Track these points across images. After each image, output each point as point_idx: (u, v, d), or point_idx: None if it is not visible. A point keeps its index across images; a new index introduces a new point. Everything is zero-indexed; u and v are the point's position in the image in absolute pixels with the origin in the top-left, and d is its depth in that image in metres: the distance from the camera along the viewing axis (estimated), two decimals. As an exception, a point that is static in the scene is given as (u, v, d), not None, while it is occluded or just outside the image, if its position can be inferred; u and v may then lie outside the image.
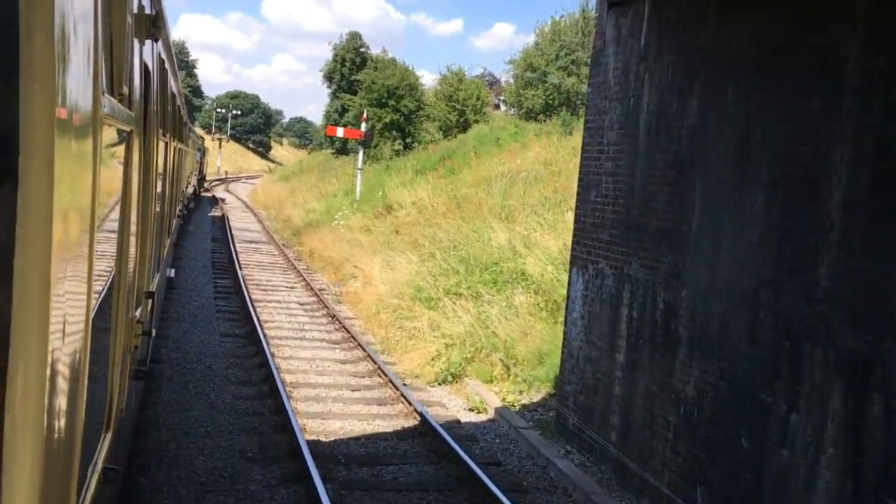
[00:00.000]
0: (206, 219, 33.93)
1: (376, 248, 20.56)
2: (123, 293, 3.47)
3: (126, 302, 3.63)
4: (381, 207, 25.99)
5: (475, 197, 22.27)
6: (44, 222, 1.39)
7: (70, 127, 1.61)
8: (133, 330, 4.12)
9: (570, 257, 10.29)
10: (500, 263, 14.28)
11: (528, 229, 16.43)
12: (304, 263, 23.15)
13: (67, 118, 1.56)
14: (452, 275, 14.39)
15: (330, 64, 53.25)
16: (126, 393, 4.08)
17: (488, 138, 32.98)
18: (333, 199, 32.40)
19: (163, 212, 7.83)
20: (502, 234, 16.63)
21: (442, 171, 29.06)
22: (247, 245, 26.31)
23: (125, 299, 3.57)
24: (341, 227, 24.89)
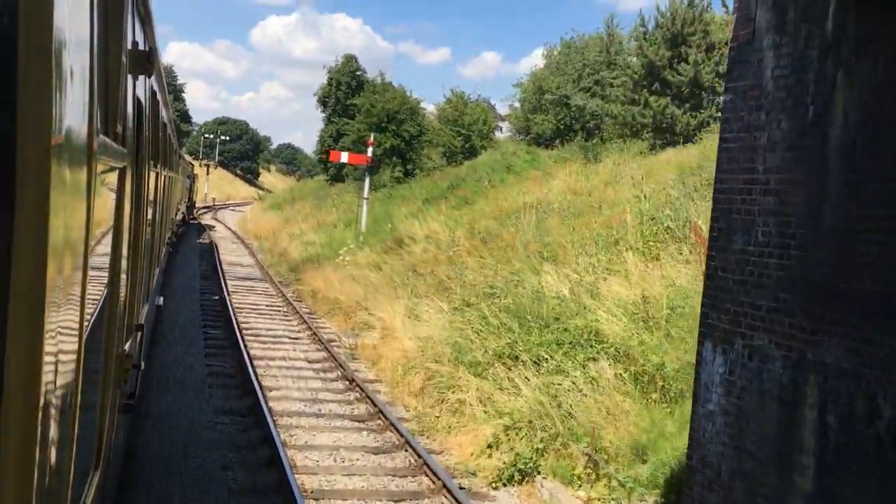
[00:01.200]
0: (194, 250, 30.95)
1: (393, 290, 17.71)
2: (114, 328, 3.46)
3: (116, 337, 3.60)
4: (391, 241, 23.16)
5: (501, 231, 19.51)
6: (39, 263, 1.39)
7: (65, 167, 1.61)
8: (123, 364, 4.06)
9: (701, 326, 7.48)
10: (562, 319, 11.45)
11: (581, 272, 13.65)
12: (306, 306, 20.23)
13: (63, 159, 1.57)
14: (504, 333, 11.55)
15: (324, 87, 50.61)
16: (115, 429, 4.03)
17: (499, 165, 30.36)
18: (334, 231, 29.53)
19: (153, 241, 7.65)
20: (553, 280, 13.84)
21: (454, 201, 26.33)
22: (240, 283, 23.36)
23: (115, 334, 3.55)
24: (347, 264, 22.03)
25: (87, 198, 1.98)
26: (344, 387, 12.55)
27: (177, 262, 25.48)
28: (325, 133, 50.24)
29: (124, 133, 3.42)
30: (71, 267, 1.79)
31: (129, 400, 4.98)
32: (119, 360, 3.82)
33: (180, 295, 19.77)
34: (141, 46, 4.26)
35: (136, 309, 5.31)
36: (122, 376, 4.07)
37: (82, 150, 1.87)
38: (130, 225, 4.11)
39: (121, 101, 3.18)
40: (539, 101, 37.07)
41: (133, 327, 4.96)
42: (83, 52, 1.86)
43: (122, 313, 3.95)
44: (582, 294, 11.99)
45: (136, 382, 5.95)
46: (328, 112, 50.29)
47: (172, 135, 14.62)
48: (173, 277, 22.68)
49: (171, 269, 22.78)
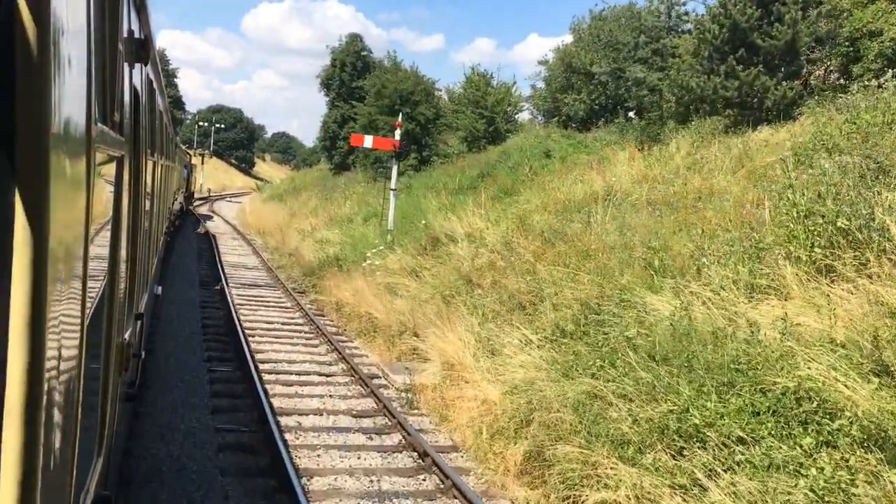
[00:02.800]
0: (191, 248, 26.98)
1: (445, 306, 13.86)
2: (115, 317, 3.43)
3: (117, 326, 3.57)
4: (426, 240, 19.25)
5: (568, 229, 15.63)
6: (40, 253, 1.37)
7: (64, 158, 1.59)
8: (123, 353, 4.02)
9: None
10: (744, 369, 7.60)
11: (719, 290, 9.80)
12: (331, 323, 16.36)
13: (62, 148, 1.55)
14: (663, 395, 7.70)
15: (328, 69, 46.51)
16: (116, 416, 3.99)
17: (535, 151, 26.46)
18: (350, 226, 25.58)
19: (150, 230, 7.48)
20: (669, 299, 10.03)
21: (491, 192, 22.41)
22: (247, 292, 19.43)
23: (117, 323, 3.52)
24: (377, 269, 18.13)
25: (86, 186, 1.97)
26: (412, 462, 8.71)
27: (171, 262, 21.52)
28: (328, 118, 46.20)
29: (122, 122, 3.39)
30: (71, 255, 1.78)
31: (130, 389, 4.92)
32: (120, 348, 3.77)
33: (176, 311, 15.85)
34: (137, 35, 4.15)
35: (136, 297, 5.20)
36: (123, 364, 3.98)
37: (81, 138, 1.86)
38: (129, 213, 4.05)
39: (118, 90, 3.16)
40: (569, 78, 33.21)
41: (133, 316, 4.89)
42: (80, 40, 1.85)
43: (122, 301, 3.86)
44: (768, 330, 8.11)
45: (137, 371, 5.91)
46: (332, 96, 46.19)
47: (169, 124, 14.15)
48: (168, 285, 18.76)
49: (165, 274, 18.85)
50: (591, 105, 31.86)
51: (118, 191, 3.40)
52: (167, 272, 19.41)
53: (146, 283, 7.00)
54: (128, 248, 4.15)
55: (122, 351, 3.95)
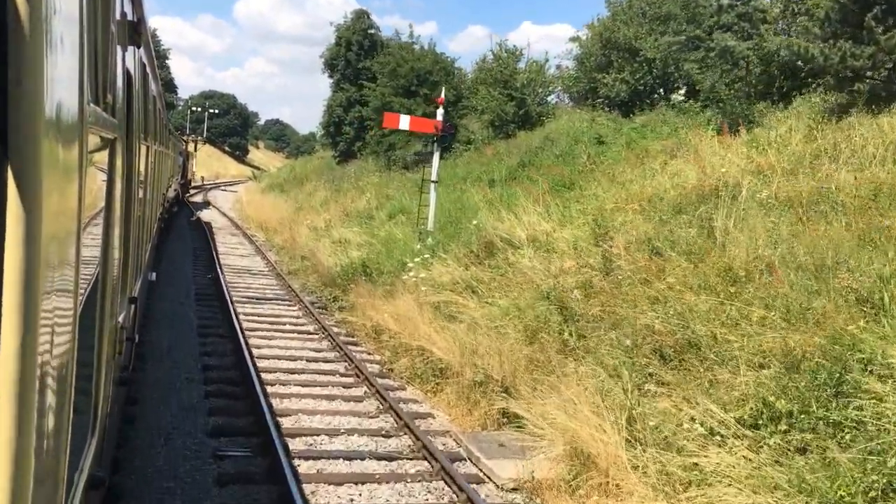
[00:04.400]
0: (185, 249, 22.94)
1: (539, 347, 9.98)
2: (108, 299, 3.37)
3: (111, 309, 3.52)
4: (478, 246, 15.31)
5: (679, 237, 11.75)
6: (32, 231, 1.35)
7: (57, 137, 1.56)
8: (117, 336, 3.99)
9: None
10: None
11: None
12: (369, 358, 12.39)
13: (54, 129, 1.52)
14: None
15: (332, 48, 42.30)
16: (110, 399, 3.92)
17: (584, 136, 22.54)
18: (370, 223, 21.56)
19: (144, 215, 7.37)
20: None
21: (547, 185, 18.44)
22: (256, 309, 15.43)
23: (110, 305, 3.47)
24: (421, 283, 14.17)
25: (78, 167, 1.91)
26: None
27: (161, 269, 17.51)
28: (333, 101, 42.04)
29: (114, 104, 3.32)
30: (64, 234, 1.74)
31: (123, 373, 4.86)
32: (113, 331, 3.74)
33: (168, 342, 11.90)
34: (130, 17, 4.08)
35: (130, 281, 5.11)
36: (116, 347, 3.94)
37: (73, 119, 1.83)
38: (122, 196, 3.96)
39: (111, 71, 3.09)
40: (608, 56, 29.23)
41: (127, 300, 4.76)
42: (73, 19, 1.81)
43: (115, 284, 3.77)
44: None
45: (131, 355, 5.69)
46: (337, 77, 42.01)
47: (162, 109, 13.63)
48: (156, 299, 14.77)
49: (153, 292, 14.86)
50: (634, 85, 27.98)
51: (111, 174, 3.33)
52: (156, 284, 15.41)
53: (140, 268, 6.77)
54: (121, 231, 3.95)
55: (116, 333, 3.89)
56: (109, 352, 3.59)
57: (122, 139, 3.79)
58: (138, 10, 4.63)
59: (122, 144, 3.79)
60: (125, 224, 4.33)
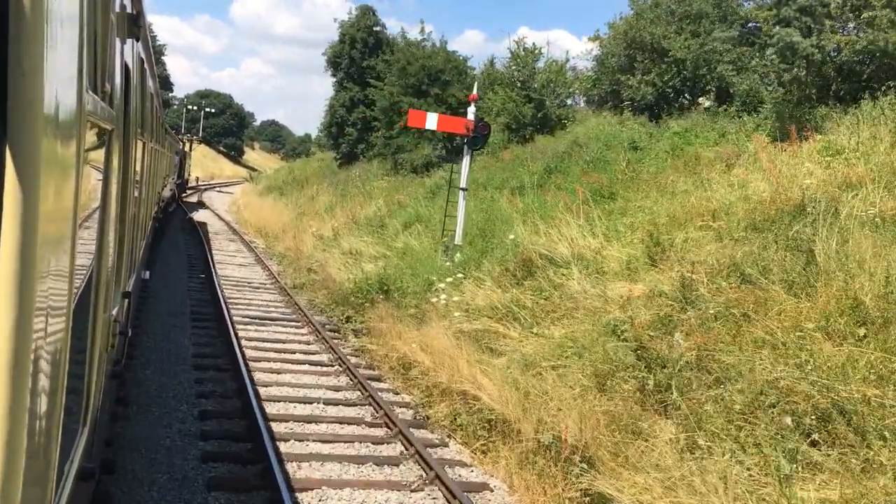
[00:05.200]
0: (179, 259, 20.83)
1: (624, 409, 7.96)
2: (102, 292, 3.33)
3: (104, 301, 3.46)
4: (514, 263, 13.29)
5: (766, 261, 9.76)
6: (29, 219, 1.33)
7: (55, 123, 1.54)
8: (110, 329, 3.95)
9: None
10: None
11: None
12: (397, 399, 10.31)
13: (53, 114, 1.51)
14: None
15: (335, 46, 40.22)
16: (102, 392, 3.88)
17: (615, 141, 20.58)
18: (383, 233, 19.50)
19: (139, 211, 7.32)
20: None
21: (584, 193, 16.43)
22: (260, 333, 13.33)
23: (104, 298, 3.42)
24: (453, 308, 12.12)
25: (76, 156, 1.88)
26: None
27: (152, 286, 15.44)
28: (335, 101, 39.96)
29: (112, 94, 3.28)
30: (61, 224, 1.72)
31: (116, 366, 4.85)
32: (106, 324, 3.70)
33: (159, 381, 9.85)
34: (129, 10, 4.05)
35: (124, 275, 5.02)
36: (109, 340, 3.90)
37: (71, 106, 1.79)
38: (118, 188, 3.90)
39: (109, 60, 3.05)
40: (632, 57, 27.30)
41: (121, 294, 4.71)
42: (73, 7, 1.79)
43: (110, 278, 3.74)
44: None
45: (124, 349, 5.73)
46: (340, 76, 39.95)
47: (159, 107, 13.42)
48: (144, 320, 12.72)
49: (141, 316, 12.80)
50: (662, 87, 26.05)
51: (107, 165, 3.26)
52: (146, 299, 13.34)
53: (134, 263, 6.64)
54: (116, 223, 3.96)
55: (109, 327, 3.85)
56: (102, 345, 3.54)
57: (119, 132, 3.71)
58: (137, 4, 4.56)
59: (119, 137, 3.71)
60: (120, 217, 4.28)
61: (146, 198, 9.20)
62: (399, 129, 29.67)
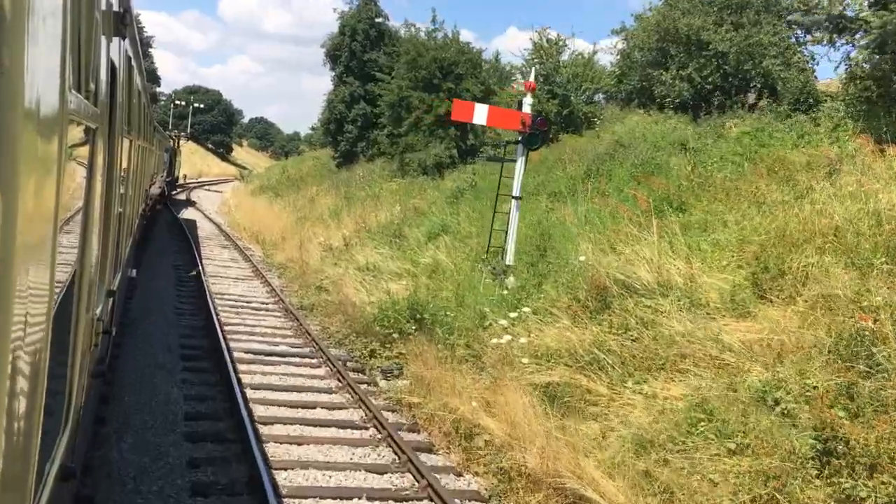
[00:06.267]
0: (165, 270, 17.96)
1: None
2: (85, 291, 3.25)
3: (87, 300, 3.40)
4: (584, 291, 10.55)
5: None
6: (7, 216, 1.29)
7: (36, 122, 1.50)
8: (94, 328, 3.89)
9: None
10: None
11: None
12: (471, 491, 7.53)
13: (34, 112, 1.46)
14: None
15: (335, 38, 37.35)
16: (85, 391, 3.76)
17: (664, 143, 17.96)
18: (403, 243, 16.71)
19: (125, 211, 7.06)
20: None
21: (646, 204, 13.73)
22: (269, 379, 10.49)
23: (87, 297, 3.34)
24: (520, 353, 9.37)
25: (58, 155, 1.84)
26: None
27: (132, 311, 12.61)
28: (334, 97, 37.10)
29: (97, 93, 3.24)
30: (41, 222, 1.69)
31: (100, 365, 4.74)
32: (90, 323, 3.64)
33: (133, 475, 7.07)
34: (115, 8, 3.98)
35: (109, 274, 4.97)
36: (92, 339, 3.84)
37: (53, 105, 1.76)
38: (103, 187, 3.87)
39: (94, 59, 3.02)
40: (665, 51, 24.69)
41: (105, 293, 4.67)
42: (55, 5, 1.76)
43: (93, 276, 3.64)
44: None
45: (108, 348, 5.60)
46: (339, 70, 37.08)
47: (147, 105, 13.18)
48: (129, 357, 9.92)
49: (127, 330, 9.99)
50: (701, 83, 23.46)
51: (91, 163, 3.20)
52: (127, 328, 10.52)
53: (120, 261, 6.55)
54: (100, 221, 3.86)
55: (93, 325, 3.78)
56: (85, 344, 3.46)
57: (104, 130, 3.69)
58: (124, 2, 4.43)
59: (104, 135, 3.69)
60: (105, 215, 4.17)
61: (133, 195, 8.88)
62: (408, 126, 26.92)
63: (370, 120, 35.33)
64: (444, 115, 26.36)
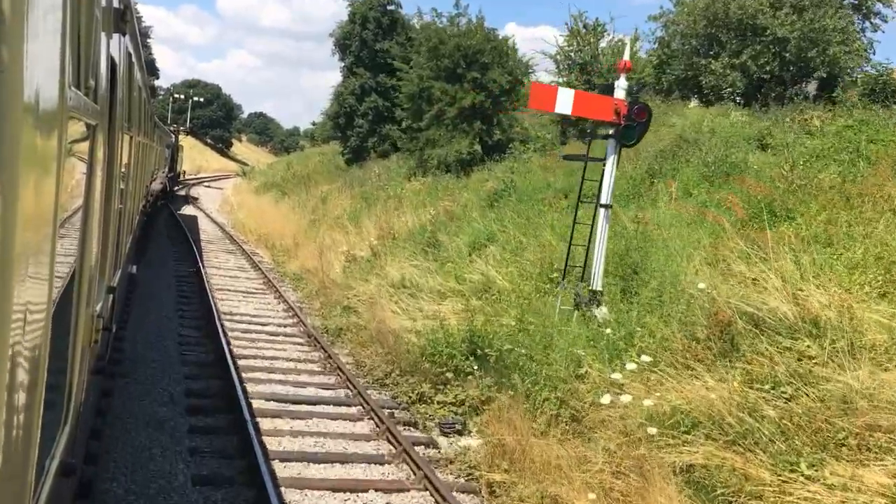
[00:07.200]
0: (167, 281, 15.53)
1: None
2: (85, 288, 3.19)
3: (87, 296, 3.35)
4: (705, 329, 8.15)
5: None
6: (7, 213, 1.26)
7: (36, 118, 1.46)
8: (94, 325, 3.80)
9: None
10: None
11: None
12: None
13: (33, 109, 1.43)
14: None
15: (344, 26, 34.82)
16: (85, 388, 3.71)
17: (737, 138, 15.58)
18: (440, 255, 14.26)
19: (125, 207, 6.95)
20: None
21: (741, 211, 11.29)
22: (297, 442, 8.03)
23: (86, 294, 3.29)
24: (637, 415, 6.99)
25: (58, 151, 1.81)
26: None
27: (126, 341, 10.19)
28: (344, 89, 34.57)
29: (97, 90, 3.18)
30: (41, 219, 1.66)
31: (100, 362, 4.70)
32: (90, 320, 3.59)
33: None
34: (116, 4, 3.92)
35: (109, 270, 4.90)
36: (92, 336, 3.77)
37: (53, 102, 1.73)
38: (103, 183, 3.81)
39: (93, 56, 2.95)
40: (713, 38, 22.28)
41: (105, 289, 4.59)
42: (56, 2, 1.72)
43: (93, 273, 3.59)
44: None
45: (108, 345, 5.57)
46: (349, 60, 34.56)
47: (148, 101, 13.01)
48: (121, 414, 7.49)
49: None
50: (757, 73, 21.05)
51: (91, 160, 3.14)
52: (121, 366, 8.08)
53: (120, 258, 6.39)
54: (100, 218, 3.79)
55: (93, 322, 3.72)
56: (85, 340, 3.41)
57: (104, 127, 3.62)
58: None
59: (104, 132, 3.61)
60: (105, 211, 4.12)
61: (133, 192, 8.81)
62: (429, 119, 24.48)
63: (382, 113, 32.90)
64: (468, 108, 23.99)
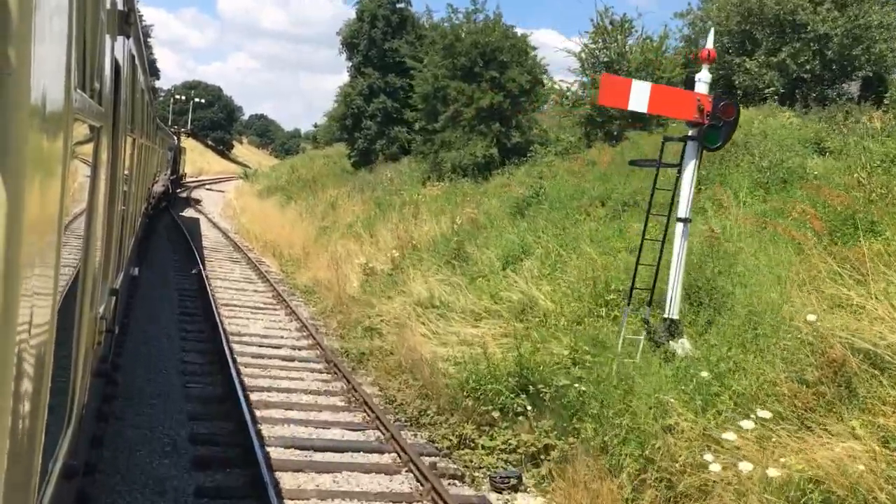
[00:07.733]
0: (167, 293, 14.12)
1: None
2: (88, 290, 3.19)
3: (91, 298, 3.33)
4: (819, 371, 6.74)
5: None
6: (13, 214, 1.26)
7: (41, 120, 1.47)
8: (97, 327, 3.79)
9: None
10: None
11: None
12: None
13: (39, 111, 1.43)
14: None
15: (352, 24, 33.41)
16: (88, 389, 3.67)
17: (790, 141, 14.21)
18: (471, 269, 12.84)
19: (128, 209, 6.93)
20: None
21: (819, 225, 9.89)
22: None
23: (90, 296, 3.29)
24: (760, 489, 5.61)
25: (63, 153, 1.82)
26: None
27: (126, 364, 8.78)
28: (351, 89, 33.15)
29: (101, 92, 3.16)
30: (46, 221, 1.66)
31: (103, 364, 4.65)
32: (93, 322, 3.59)
33: None
34: (120, 7, 3.90)
35: (112, 273, 4.88)
36: (95, 338, 3.77)
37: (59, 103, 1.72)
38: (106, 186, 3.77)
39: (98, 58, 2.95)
40: (749, 34, 20.91)
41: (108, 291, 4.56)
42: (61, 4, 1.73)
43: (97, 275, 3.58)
44: None
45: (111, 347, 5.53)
46: (357, 59, 33.16)
47: (151, 103, 13.17)
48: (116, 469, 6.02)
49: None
50: (797, 71, 19.67)
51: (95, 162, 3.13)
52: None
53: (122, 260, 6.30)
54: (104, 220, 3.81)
55: (96, 324, 3.72)
56: (88, 342, 3.38)
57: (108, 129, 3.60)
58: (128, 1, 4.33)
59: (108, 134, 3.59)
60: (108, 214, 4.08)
61: (136, 194, 8.70)
62: (444, 120, 23.10)
63: (391, 115, 31.51)
64: (486, 108, 22.61)
